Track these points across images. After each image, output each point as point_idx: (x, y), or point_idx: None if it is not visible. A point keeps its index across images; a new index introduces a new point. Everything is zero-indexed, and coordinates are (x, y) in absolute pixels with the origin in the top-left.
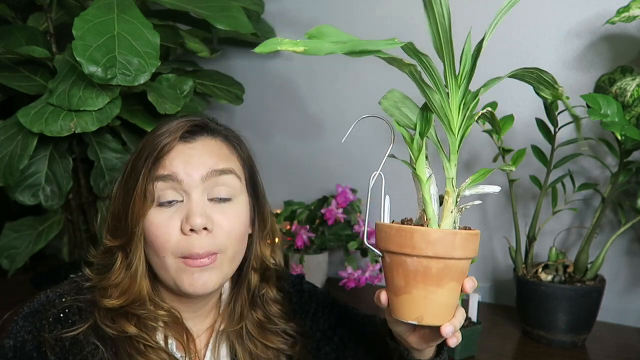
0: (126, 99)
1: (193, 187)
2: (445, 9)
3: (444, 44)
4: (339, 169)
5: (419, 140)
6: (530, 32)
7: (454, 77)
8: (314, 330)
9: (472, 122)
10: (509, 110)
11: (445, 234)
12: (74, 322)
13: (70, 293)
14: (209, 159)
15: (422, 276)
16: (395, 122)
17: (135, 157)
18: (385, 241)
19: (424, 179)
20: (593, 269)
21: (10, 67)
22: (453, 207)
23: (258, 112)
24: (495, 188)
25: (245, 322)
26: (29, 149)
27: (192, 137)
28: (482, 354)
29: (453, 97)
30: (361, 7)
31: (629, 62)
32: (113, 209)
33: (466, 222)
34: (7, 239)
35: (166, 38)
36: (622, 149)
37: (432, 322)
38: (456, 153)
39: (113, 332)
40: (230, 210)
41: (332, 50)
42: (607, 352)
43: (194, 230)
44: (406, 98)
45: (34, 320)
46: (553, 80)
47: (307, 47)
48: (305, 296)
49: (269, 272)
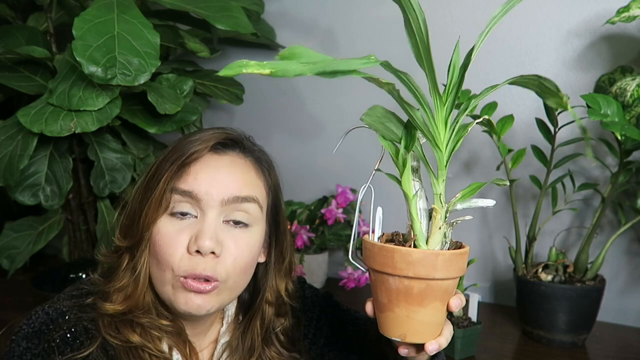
0: (126, 99)
1: (210, 208)
2: (423, 25)
3: (425, 60)
4: (339, 169)
5: (403, 155)
6: (530, 32)
7: (437, 93)
8: (318, 337)
9: (464, 135)
10: (509, 110)
11: (426, 255)
12: (82, 343)
13: (72, 310)
14: (233, 183)
15: (404, 296)
16: (381, 136)
17: (162, 160)
18: (369, 259)
19: (410, 195)
20: (593, 269)
21: (10, 67)
22: (441, 224)
23: (258, 112)
24: (489, 202)
25: (256, 357)
26: (29, 149)
27: (224, 150)
28: (482, 354)
29: (438, 113)
30: (361, 7)
31: (629, 62)
32: (129, 208)
33: (465, 223)
34: (7, 239)
35: (166, 38)
36: (622, 149)
37: (415, 340)
38: (444, 169)
39: (117, 342)
40: (243, 237)
41: (300, 72)
42: (607, 352)
43: (199, 252)
44: (389, 113)
45: (39, 342)
46: (556, 88)
47: (273, 69)
48: (308, 302)
49: (284, 307)
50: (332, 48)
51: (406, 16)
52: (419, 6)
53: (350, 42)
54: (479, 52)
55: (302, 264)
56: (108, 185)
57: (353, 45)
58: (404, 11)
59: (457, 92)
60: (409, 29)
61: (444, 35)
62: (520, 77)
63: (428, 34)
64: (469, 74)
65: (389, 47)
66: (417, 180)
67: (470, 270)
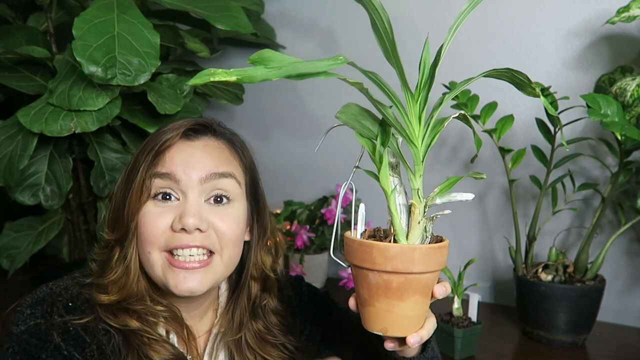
0: (126, 99)
1: (190, 188)
2: (388, 25)
3: (393, 58)
4: (339, 169)
5: (380, 152)
6: (530, 32)
7: (408, 90)
8: (315, 333)
9: (440, 130)
10: (509, 110)
11: (403, 250)
12: (84, 311)
13: (74, 286)
14: (209, 161)
15: (383, 290)
16: (358, 134)
17: (139, 153)
18: (350, 254)
19: (389, 191)
20: (593, 269)
21: (10, 67)
22: (420, 218)
23: (258, 112)
24: (469, 195)
25: (245, 332)
26: (29, 149)
27: (195, 135)
28: (482, 354)
29: (411, 109)
30: (361, 7)
31: (629, 62)
32: (114, 203)
33: (465, 223)
34: (7, 239)
35: (166, 38)
36: (622, 149)
37: (396, 333)
38: (420, 164)
39: (116, 326)
40: (227, 213)
41: (266, 77)
42: (607, 352)
43: (184, 230)
44: (364, 111)
45: (42, 308)
46: (527, 79)
47: (239, 75)
48: (305, 299)
49: (269, 281)
50: (332, 48)
51: (372, 17)
52: (381, 6)
53: (350, 42)
54: (478, 52)
55: (302, 264)
56: (108, 185)
57: (353, 45)
58: (369, 12)
59: (429, 88)
60: (376, 29)
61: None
62: (494, 70)
63: (393, 33)
64: (469, 74)
65: None
66: (395, 176)
67: (470, 270)
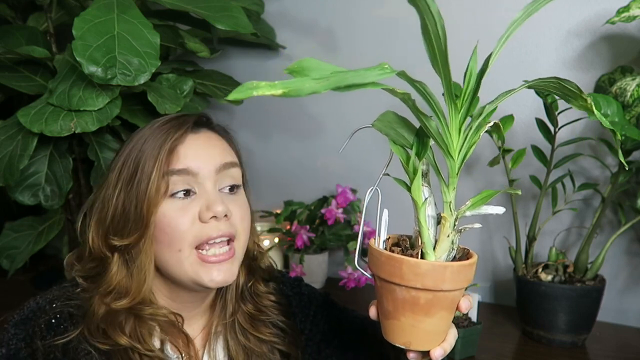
0: (126, 99)
1: (207, 179)
2: (442, 31)
3: (441, 67)
4: (339, 169)
5: (415, 163)
6: (530, 32)
7: (453, 101)
8: (315, 332)
9: (476, 141)
10: (509, 110)
11: (435, 267)
12: (66, 329)
13: (60, 298)
14: (218, 152)
15: (410, 305)
16: (391, 141)
17: (139, 153)
18: (376, 266)
19: (420, 203)
20: (593, 269)
21: (10, 67)
22: (450, 231)
23: (258, 112)
24: (499, 209)
25: (237, 315)
26: (29, 149)
27: (197, 129)
28: (482, 354)
29: (452, 121)
30: (360, 7)
31: (629, 62)
32: (115, 209)
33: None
34: (7, 239)
35: (166, 38)
36: (622, 149)
37: (420, 347)
38: (455, 177)
39: (107, 348)
40: (239, 200)
41: (314, 90)
42: (607, 352)
43: (214, 217)
44: (401, 119)
45: (25, 328)
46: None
47: (285, 89)
48: (305, 299)
49: (253, 263)
50: (332, 48)
51: (424, 21)
52: (438, 12)
53: (350, 42)
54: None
55: (302, 264)
56: None
57: (353, 45)
58: (422, 16)
59: (473, 99)
60: (427, 35)
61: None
62: (539, 80)
63: (446, 41)
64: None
65: (389, 47)
66: (426, 185)
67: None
